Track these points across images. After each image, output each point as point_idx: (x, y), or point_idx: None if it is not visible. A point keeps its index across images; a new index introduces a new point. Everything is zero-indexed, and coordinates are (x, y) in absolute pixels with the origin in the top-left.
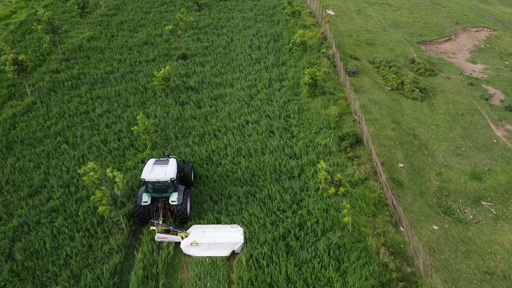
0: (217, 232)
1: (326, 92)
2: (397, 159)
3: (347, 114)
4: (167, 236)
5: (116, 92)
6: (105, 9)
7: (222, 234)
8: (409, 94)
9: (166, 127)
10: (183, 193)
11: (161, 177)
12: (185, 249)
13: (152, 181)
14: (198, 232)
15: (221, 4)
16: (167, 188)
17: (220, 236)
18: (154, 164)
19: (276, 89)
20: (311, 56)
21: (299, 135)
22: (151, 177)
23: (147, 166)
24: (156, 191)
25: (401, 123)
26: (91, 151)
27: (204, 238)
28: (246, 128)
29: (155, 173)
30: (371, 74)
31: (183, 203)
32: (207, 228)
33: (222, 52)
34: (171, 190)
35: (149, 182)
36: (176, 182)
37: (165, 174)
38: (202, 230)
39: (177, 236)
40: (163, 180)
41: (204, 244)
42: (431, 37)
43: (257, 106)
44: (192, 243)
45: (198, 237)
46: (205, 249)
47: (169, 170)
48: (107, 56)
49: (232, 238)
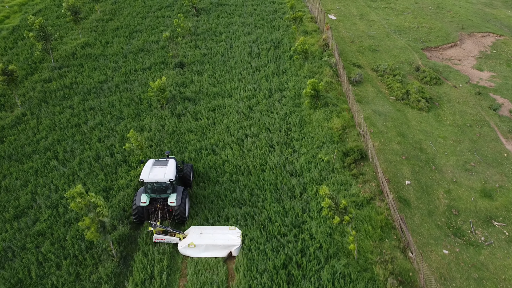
0: (214, 234)
1: (329, 103)
2: (403, 175)
3: (351, 127)
4: (164, 237)
5: (109, 103)
6: (101, 14)
7: (220, 236)
8: (414, 105)
9: (161, 142)
10: (181, 194)
11: (160, 178)
12: (183, 250)
13: (151, 182)
14: (195, 234)
15: (220, 9)
16: (166, 189)
17: (218, 238)
18: (153, 164)
19: (277, 99)
20: (312, 65)
21: (301, 150)
22: (150, 178)
23: (146, 166)
24: (155, 192)
25: (407, 136)
26: (81, 168)
27: (201, 240)
28: (245, 143)
29: (154, 173)
30: (375, 83)
31: (181, 204)
32: (205, 229)
33: (220, 59)
34: (170, 191)
35: (148, 183)
36: (175, 183)
37: (164, 175)
38: (200, 231)
39: (175, 237)
40: (162, 181)
41: (201, 245)
42: (436, 43)
43: (256, 118)
44: (190, 245)
45: (196, 239)
46: (202, 251)
47: (168, 171)
48: (102, 64)
49: (230, 240)
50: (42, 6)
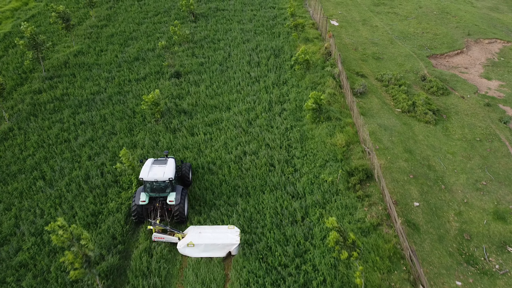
0: (213, 233)
1: (332, 117)
2: (411, 196)
3: (355, 143)
4: (164, 236)
5: (101, 117)
6: (95, 19)
7: (219, 236)
8: (421, 117)
9: None
10: (181, 193)
11: (159, 177)
12: (182, 250)
13: (150, 180)
14: (194, 233)
15: (218, 15)
16: (165, 188)
17: (217, 237)
18: (152, 163)
19: (277, 113)
20: (314, 75)
21: (303, 169)
22: (149, 177)
23: (146, 165)
24: (154, 191)
25: (414, 152)
26: (69, 189)
27: (200, 239)
28: (243, 161)
29: (153, 172)
30: (380, 94)
31: (180, 203)
32: (204, 229)
33: (218, 69)
34: (169, 190)
35: (147, 182)
36: (174, 182)
37: (163, 174)
38: (199, 231)
39: (174, 237)
40: (161, 180)
41: (200, 245)
42: (441, 50)
43: (256, 133)
44: (189, 244)
45: (195, 238)
46: (201, 250)
47: (168, 170)
48: (95, 73)
49: (229, 240)
50: (35, 11)
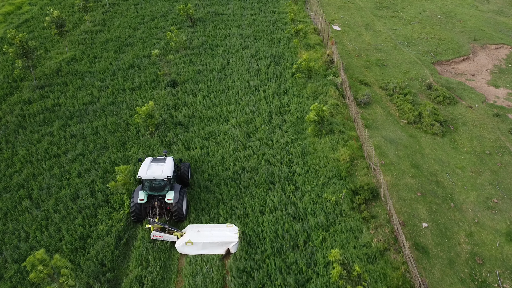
0: (212, 232)
1: (335, 130)
2: (419, 216)
3: (360, 158)
4: (162, 234)
5: (93, 129)
6: (90, 24)
7: (217, 234)
8: (428, 129)
9: None
10: (179, 192)
11: (157, 175)
12: (180, 248)
13: (148, 179)
14: (193, 232)
15: (217, 19)
16: (163, 186)
17: (215, 236)
18: (151, 162)
19: (277, 125)
20: (316, 84)
21: (304, 187)
22: (148, 175)
23: (144, 164)
24: (153, 189)
25: (422, 167)
26: (57, 209)
27: (199, 238)
28: (242, 178)
29: (151, 171)
30: (384, 103)
31: (179, 201)
32: (202, 227)
33: (216, 77)
34: (167, 188)
35: (145, 180)
36: (173, 181)
37: (161, 172)
38: (198, 229)
39: (173, 235)
40: (160, 178)
41: (199, 243)
42: (447, 56)
43: (255, 148)
44: (187, 243)
45: (193, 237)
46: (200, 248)
47: (166, 168)
48: (88, 82)
49: (227, 238)
50: (28, 15)
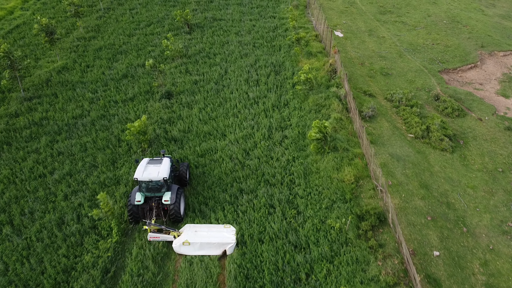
0: (209, 232)
1: (338, 147)
2: (430, 243)
3: (365, 178)
4: (159, 235)
5: (82, 146)
6: (83, 30)
7: (215, 234)
8: (436, 144)
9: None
10: (176, 193)
11: (154, 177)
12: (177, 248)
13: (145, 180)
14: (190, 232)
15: (215, 25)
16: (160, 187)
17: (212, 236)
18: (147, 163)
19: (277, 141)
20: (318, 96)
21: (306, 211)
22: (144, 177)
23: (141, 165)
24: (150, 191)
25: (431, 187)
26: (40, 237)
27: (196, 238)
28: (240, 201)
29: (148, 172)
30: (390, 116)
31: (176, 202)
32: (199, 227)
33: (213, 88)
34: (164, 189)
35: (142, 182)
36: (170, 182)
37: (158, 174)
38: (195, 229)
39: (170, 235)
40: (156, 179)
41: (196, 243)
42: (454, 64)
43: (254, 166)
44: (184, 243)
45: (190, 237)
46: (197, 249)
47: (162, 169)
48: (78, 93)
49: (224, 238)
50: (20, 21)
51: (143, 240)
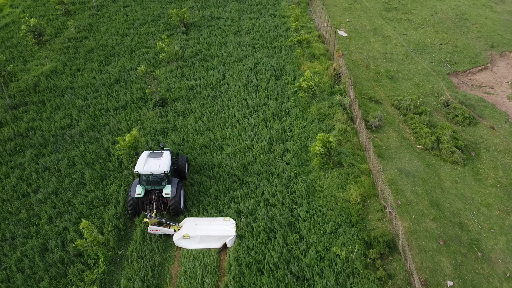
0: (209, 225)
1: (343, 162)
2: (443, 271)
3: (372, 198)
4: (159, 228)
5: (70, 161)
6: (75, 30)
7: (214, 227)
8: (447, 157)
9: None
10: (176, 186)
11: (154, 170)
12: (177, 241)
13: (145, 173)
14: (190, 225)
15: (213, 24)
16: (160, 180)
17: (212, 229)
18: (148, 156)
19: (278, 154)
20: (322, 104)
21: (309, 236)
22: (145, 170)
23: (141, 158)
24: (150, 184)
25: (442, 205)
26: (20, 267)
27: (196, 231)
28: (237, 225)
29: (148, 165)
30: (397, 125)
31: (176, 195)
32: (199, 221)
33: (210, 95)
34: (164, 182)
35: (142, 175)
36: (170, 175)
37: (158, 167)
38: (195, 223)
39: (170, 229)
40: (157, 172)
41: (196, 237)
42: (463, 66)
43: (253, 184)
44: (184, 236)
45: (190, 230)
46: (197, 242)
47: (163, 162)
48: (67, 100)
49: (224, 231)
50: (9, 19)
51: (133, 269)
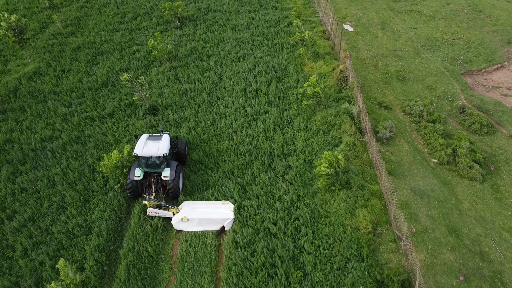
0: (207, 208)
1: (352, 183)
2: None
3: (384, 224)
4: (158, 211)
5: (50, 180)
6: (61, 25)
7: (213, 210)
8: (464, 172)
9: (115, 260)
10: (175, 169)
11: (153, 153)
12: (176, 224)
13: (144, 156)
14: (189, 208)
15: (209, 18)
16: (159, 163)
17: (211, 212)
18: (147, 139)
19: (280, 173)
20: (327, 112)
21: (315, 274)
22: (144, 152)
23: (140, 141)
24: (149, 166)
25: (461, 231)
26: None
27: (194, 214)
28: (233, 259)
29: (147, 148)
30: (410, 135)
31: (175, 179)
32: (198, 204)
33: (206, 101)
34: (163, 165)
35: (142, 157)
36: (169, 158)
37: (157, 150)
38: (193, 206)
39: (169, 212)
40: (156, 155)
41: (194, 219)
42: (478, 64)
43: (251, 209)
44: (183, 219)
45: (189, 213)
46: (195, 225)
47: (162, 145)
48: (50, 107)
49: (223, 214)
50: None
51: None
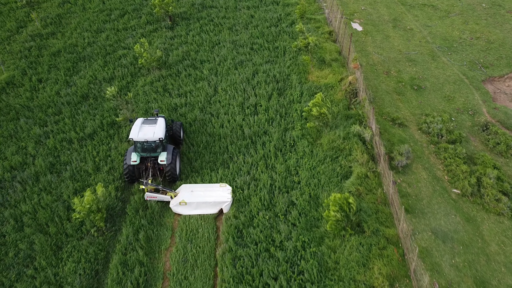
0: (205, 192)
1: (365, 227)
2: None
3: (402, 280)
4: (156, 195)
5: (17, 221)
6: (40, 24)
7: (211, 194)
8: (491, 206)
9: None
10: (172, 153)
11: (149, 137)
12: (174, 208)
13: (140, 141)
14: (187, 192)
15: (204, 16)
16: (156, 147)
17: (208, 196)
18: (142, 123)
19: (281, 212)
20: (335, 135)
21: None
22: (140, 137)
23: (135, 125)
24: (145, 151)
25: (489, 283)
26: None
27: (192, 198)
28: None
29: (143, 132)
30: (428, 159)
31: (172, 162)
32: (196, 187)
33: (198, 118)
34: (160, 149)
35: (137, 142)
36: (165, 142)
37: (153, 134)
38: (191, 189)
39: (166, 195)
40: (152, 139)
41: (192, 203)
42: (500, 69)
43: (248, 260)
44: (181, 203)
45: (187, 197)
46: (193, 208)
47: (158, 129)
48: (23, 127)
49: (220, 197)
50: None
51: None
